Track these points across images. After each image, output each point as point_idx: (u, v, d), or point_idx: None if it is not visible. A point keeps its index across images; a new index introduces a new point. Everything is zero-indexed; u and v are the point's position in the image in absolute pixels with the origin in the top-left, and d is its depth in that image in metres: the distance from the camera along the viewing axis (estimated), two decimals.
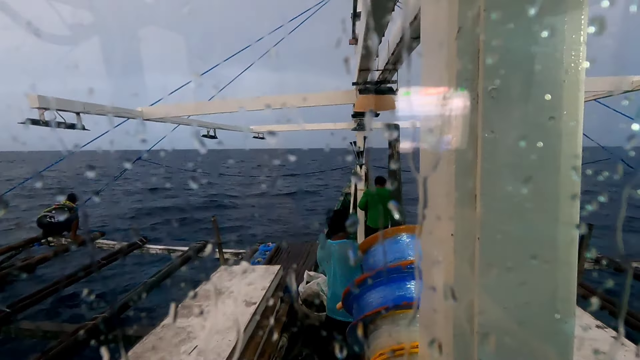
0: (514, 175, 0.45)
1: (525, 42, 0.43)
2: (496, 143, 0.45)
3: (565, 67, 0.45)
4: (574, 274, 0.48)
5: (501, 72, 0.44)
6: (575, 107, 0.46)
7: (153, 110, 4.37)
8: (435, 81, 0.52)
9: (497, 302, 0.46)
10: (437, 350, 0.51)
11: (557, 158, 0.46)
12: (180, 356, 2.00)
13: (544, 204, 0.46)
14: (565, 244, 0.47)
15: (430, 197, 0.54)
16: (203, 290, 2.88)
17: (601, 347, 1.79)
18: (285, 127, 8.35)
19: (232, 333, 2.25)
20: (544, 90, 0.45)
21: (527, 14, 0.41)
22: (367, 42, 2.39)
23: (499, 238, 0.45)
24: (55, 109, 3.09)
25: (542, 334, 0.47)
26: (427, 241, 0.56)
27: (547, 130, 0.45)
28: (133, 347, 2.11)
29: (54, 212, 7.11)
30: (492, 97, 0.45)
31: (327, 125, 8.50)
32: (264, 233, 12.07)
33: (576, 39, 0.45)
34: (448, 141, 0.49)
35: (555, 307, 0.47)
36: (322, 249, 3.00)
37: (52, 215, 7.01)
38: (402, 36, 1.96)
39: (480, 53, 0.43)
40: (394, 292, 1.27)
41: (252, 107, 4.45)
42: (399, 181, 3.43)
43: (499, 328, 0.47)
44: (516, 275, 0.45)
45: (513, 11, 0.42)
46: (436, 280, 0.52)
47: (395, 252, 1.47)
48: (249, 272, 3.30)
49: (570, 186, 0.47)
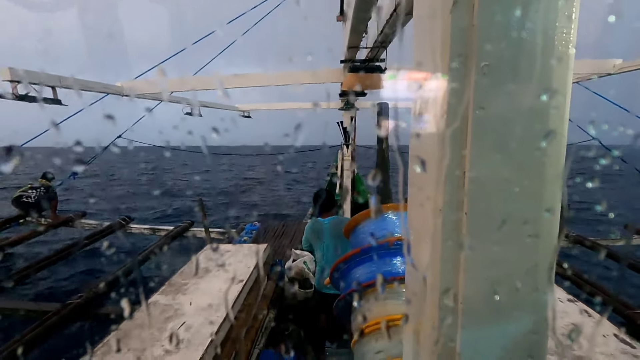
0: (502, 152, 0.46)
1: (520, 20, 0.43)
2: (486, 120, 0.45)
3: (557, 46, 0.45)
4: (553, 248, 0.51)
5: (494, 50, 0.44)
6: (564, 87, 0.47)
7: (133, 85, 4.21)
8: (427, 57, 0.52)
9: (481, 275, 0.48)
10: (426, 318, 0.53)
11: (545, 136, 0.47)
12: (168, 332, 2.02)
13: (529, 181, 0.48)
14: (547, 219, 0.48)
15: (420, 174, 0.55)
16: (189, 269, 2.88)
17: (572, 318, 1.91)
18: (272, 105, 8.22)
19: (220, 310, 2.27)
20: (535, 69, 0.46)
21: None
22: (356, 18, 2.34)
23: (486, 213, 0.47)
24: (28, 82, 2.94)
25: (523, 305, 0.50)
26: (415, 217, 0.58)
27: (536, 108, 0.46)
28: (120, 324, 2.12)
29: (30, 191, 6.89)
30: (484, 74, 0.45)
31: (314, 104, 8.39)
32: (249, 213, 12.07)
33: (568, 20, 0.45)
34: (438, 118, 0.49)
35: (536, 279, 0.49)
36: (311, 228, 3.05)
37: (27, 195, 6.80)
38: (392, 12, 1.93)
39: (475, 29, 0.43)
40: (381, 268, 1.31)
41: (238, 84, 4.35)
42: (386, 160, 3.45)
43: (483, 299, 0.49)
44: (500, 249, 0.47)
45: None
46: (423, 255, 0.54)
47: (383, 228, 1.50)
48: (235, 250, 3.32)
49: (555, 165, 0.48)
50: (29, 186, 6.96)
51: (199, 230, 6.59)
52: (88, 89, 3.61)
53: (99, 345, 1.88)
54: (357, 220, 1.83)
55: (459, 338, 0.48)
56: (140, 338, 1.95)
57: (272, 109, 8.79)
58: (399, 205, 1.68)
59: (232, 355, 2.18)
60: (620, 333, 1.78)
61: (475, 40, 0.43)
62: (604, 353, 1.63)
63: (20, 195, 6.77)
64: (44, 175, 7.23)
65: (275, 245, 5.56)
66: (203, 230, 6.02)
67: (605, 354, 1.63)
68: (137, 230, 6.84)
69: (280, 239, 5.96)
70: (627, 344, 1.70)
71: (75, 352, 1.74)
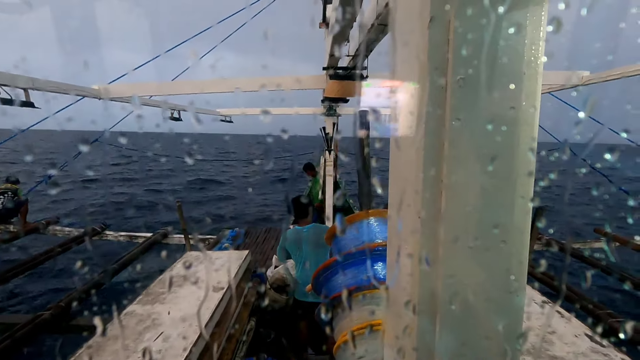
0: (477, 160, 0.48)
1: (493, 35, 0.46)
2: (462, 130, 0.47)
3: (527, 60, 0.48)
4: (525, 252, 0.53)
5: (469, 63, 0.46)
6: (534, 98, 0.50)
7: (111, 88, 4.11)
8: (405, 69, 0.53)
9: (458, 279, 0.49)
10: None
11: (516, 146, 0.49)
12: (144, 343, 1.96)
13: (502, 189, 0.50)
14: (519, 225, 0.51)
15: (398, 182, 0.56)
16: (168, 277, 2.81)
17: (545, 319, 1.97)
18: (254, 110, 8.18)
19: (199, 319, 2.23)
20: (507, 81, 0.48)
21: (497, 9, 0.43)
22: (338, 26, 2.37)
23: (462, 219, 0.49)
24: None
25: (496, 307, 0.51)
26: (395, 223, 0.59)
27: (508, 118, 0.48)
28: (94, 336, 2.04)
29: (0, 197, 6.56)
30: (459, 87, 0.47)
31: (297, 110, 8.42)
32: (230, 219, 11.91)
33: (536, 35, 0.48)
34: (416, 128, 0.51)
35: (509, 282, 0.51)
36: (289, 237, 3.02)
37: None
38: (373, 22, 1.97)
39: (451, 43, 0.45)
40: (362, 274, 1.32)
41: (220, 89, 4.31)
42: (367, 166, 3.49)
43: (456, 304, 0.50)
44: (476, 253, 0.49)
45: (483, 5, 0.44)
46: (403, 261, 0.55)
47: (364, 235, 1.51)
48: (216, 257, 3.26)
49: (525, 173, 0.51)
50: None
51: (178, 236, 6.45)
52: (63, 92, 3.50)
53: (71, 359, 1.80)
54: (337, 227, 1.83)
55: (435, 341, 0.49)
56: (114, 351, 1.88)
57: (255, 114, 8.75)
58: (380, 210, 1.71)
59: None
60: (591, 332, 1.85)
61: (451, 55, 0.45)
62: (576, 352, 1.70)
63: None
64: (7, 179, 6.90)
65: (257, 251, 5.50)
66: (182, 237, 5.89)
67: (577, 352, 1.69)
68: (113, 238, 6.62)
69: (263, 244, 5.91)
70: (597, 343, 1.77)
71: None
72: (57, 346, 3.22)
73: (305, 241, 2.96)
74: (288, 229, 3.99)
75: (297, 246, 2.99)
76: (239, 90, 4.43)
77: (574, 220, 10.53)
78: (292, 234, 3.07)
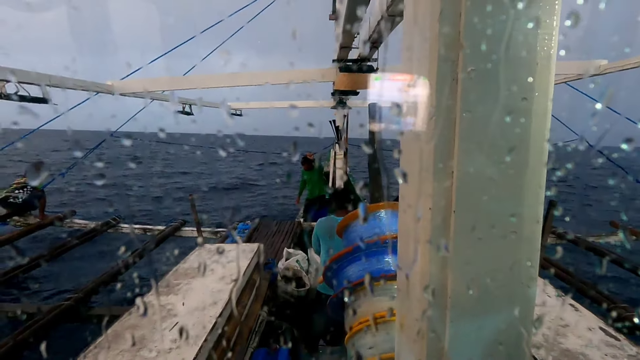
0: (488, 152, 0.48)
1: (504, 26, 0.45)
2: (474, 122, 0.47)
3: (540, 51, 0.47)
4: (538, 243, 0.53)
5: (480, 55, 0.46)
6: (546, 89, 0.49)
7: (125, 84, 4.16)
8: (417, 62, 0.53)
9: (468, 270, 0.50)
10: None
11: (528, 137, 0.49)
12: (161, 332, 2.01)
13: (513, 180, 0.50)
14: (532, 216, 0.51)
15: (410, 174, 0.56)
16: (182, 269, 2.87)
17: (559, 312, 1.96)
18: (264, 104, 8.20)
19: (213, 309, 2.27)
20: (519, 72, 0.48)
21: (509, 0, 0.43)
22: (348, 18, 2.35)
23: (473, 210, 0.49)
24: (16, 82, 2.89)
25: (507, 298, 0.52)
26: (402, 218, 0.60)
27: (521, 109, 0.48)
28: (112, 325, 2.11)
29: (16, 191, 6.74)
30: (470, 79, 0.47)
31: (308, 103, 8.41)
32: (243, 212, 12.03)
33: (549, 24, 0.47)
34: (427, 120, 0.51)
35: (521, 272, 0.51)
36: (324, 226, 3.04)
37: (14, 196, 6.65)
38: (382, 14, 1.95)
39: (461, 35, 0.45)
40: (373, 266, 1.33)
41: (230, 83, 4.33)
42: (378, 160, 3.48)
43: (467, 293, 0.51)
44: (486, 245, 0.49)
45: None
46: (408, 254, 0.56)
47: (375, 227, 1.52)
48: (228, 249, 3.32)
49: (537, 164, 0.51)
50: (15, 186, 6.79)
51: (191, 229, 6.55)
52: (78, 88, 3.56)
53: (90, 347, 1.87)
54: (349, 219, 1.85)
55: (446, 330, 0.50)
56: (132, 339, 1.94)
57: (264, 107, 8.77)
58: (391, 203, 1.71)
59: (225, 354, 2.19)
60: (605, 326, 1.83)
61: (462, 47, 0.45)
62: (589, 345, 1.68)
63: (6, 196, 6.60)
64: (26, 173, 7.07)
65: (268, 244, 5.55)
66: (195, 230, 5.98)
67: (590, 346, 1.68)
68: (128, 230, 6.76)
69: (274, 237, 5.95)
70: (612, 337, 1.75)
71: (65, 354, 1.73)
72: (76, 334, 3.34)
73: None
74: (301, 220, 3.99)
75: (330, 234, 3.00)
76: (249, 84, 4.44)
77: (589, 212, 10.31)
78: (326, 221, 3.08)
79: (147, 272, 4.94)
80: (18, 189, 6.71)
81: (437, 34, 0.46)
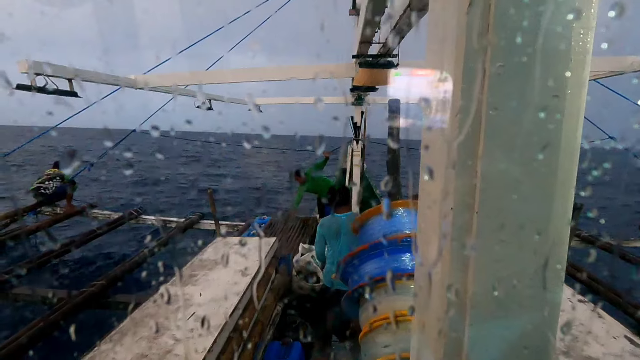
0: (516, 151, 0.46)
1: (535, 19, 0.43)
2: (500, 119, 0.46)
3: (573, 46, 0.45)
4: (564, 248, 0.51)
5: (509, 50, 0.44)
6: (580, 86, 0.47)
7: (147, 78, 4.26)
8: (441, 56, 0.52)
9: (492, 271, 0.48)
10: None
11: (559, 137, 0.47)
12: (179, 321, 2.07)
13: (542, 180, 0.48)
14: (559, 219, 0.49)
15: (431, 172, 0.55)
16: (200, 261, 2.93)
17: (583, 319, 1.89)
18: (282, 99, 8.23)
19: (229, 301, 2.32)
20: (550, 68, 0.46)
21: None
22: (369, 12, 2.32)
23: (497, 211, 0.47)
24: (46, 75, 3.00)
25: (530, 303, 0.50)
26: (424, 216, 0.58)
27: (551, 107, 0.46)
28: (132, 313, 2.18)
29: (47, 182, 7.05)
30: (498, 75, 0.45)
31: (325, 99, 8.37)
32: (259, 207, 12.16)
33: (585, 18, 0.45)
34: (450, 117, 0.50)
35: (544, 278, 0.50)
36: (327, 225, 3.04)
37: (45, 187, 6.97)
38: (406, 7, 1.91)
39: (491, 29, 0.43)
40: (390, 264, 1.32)
41: (250, 78, 4.36)
42: (397, 156, 3.44)
43: (490, 295, 0.49)
44: (511, 246, 0.48)
45: None
46: (430, 252, 0.54)
47: (392, 225, 1.50)
48: (245, 243, 3.36)
49: (568, 165, 0.48)
50: (46, 177, 7.11)
51: (209, 222, 6.68)
52: (103, 82, 3.67)
53: (113, 331, 1.94)
54: (366, 216, 1.83)
55: (466, 331, 0.48)
56: (152, 326, 2.00)
57: (282, 103, 8.80)
58: (408, 201, 1.69)
59: (240, 346, 2.22)
60: (631, 335, 1.76)
61: (491, 40, 0.43)
62: (612, 354, 1.62)
63: (38, 186, 6.94)
64: (55, 165, 7.38)
65: (284, 239, 5.59)
66: (213, 223, 6.09)
67: (614, 354, 1.62)
68: (149, 221, 6.96)
69: (289, 232, 5.99)
70: (637, 346, 1.68)
71: (91, 337, 1.80)
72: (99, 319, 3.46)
73: (344, 228, 2.98)
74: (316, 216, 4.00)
75: (335, 233, 3.00)
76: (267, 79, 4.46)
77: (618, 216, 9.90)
78: (329, 221, 3.08)
79: (166, 262, 5.08)
80: (49, 180, 7.02)
81: (464, 27, 0.44)
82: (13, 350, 2.72)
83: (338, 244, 2.97)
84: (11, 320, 4.54)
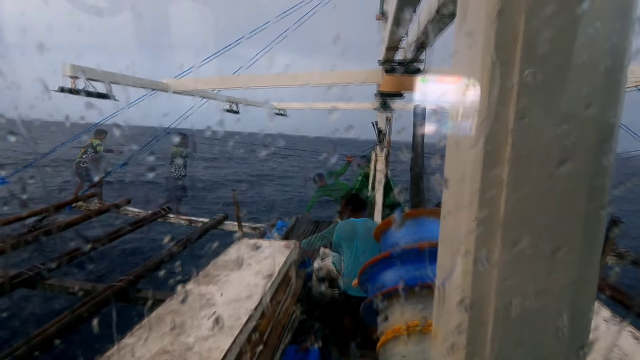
0: (544, 163, 0.45)
1: (566, 26, 0.42)
2: (529, 129, 0.44)
3: (608, 53, 0.43)
4: (596, 264, 0.48)
5: (539, 58, 0.43)
6: (615, 96, 0.45)
7: (178, 82, 4.43)
8: (469, 63, 0.51)
9: (516, 288, 0.47)
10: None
11: (590, 149, 0.45)
12: (200, 320, 2.11)
13: (571, 194, 0.46)
14: (590, 233, 0.46)
15: (455, 181, 0.54)
16: (222, 261, 2.99)
17: (617, 341, 1.78)
18: (307, 104, 8.30)
19: (249, 302, 2.34)
20: (583, 77, 0.44)
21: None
22: (397, 18, 2.31)
23: (523, 223, 0.46)
24: (86, 78, 3.18)
25: (558, 323, 0.48)
26: (450, 223, 0.57)
27: (583, 117, 0.44)
28: (156, 309, 2.25)
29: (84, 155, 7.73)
30: (527, 83, 0.44)
31: (350, 105, 8.39)
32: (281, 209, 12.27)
33: (623, 27, 0.43)
34: (477, 125, 0.49)
35: (575, 296, 0.47)
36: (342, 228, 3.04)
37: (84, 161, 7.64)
38: (434, 13, 1.89)
39: (520, 36, 0.42)
40: (410, 273, 1.29)
41: (277, 83, 4.44)
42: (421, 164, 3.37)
43: (513, 312, 0.48)
44: (537, 263, 0.46)
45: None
46: (452, 263, 0.53)
47: (415, 233, 1.48)
48: (266, 246, 3.40)
49: (601, 179, 0.46)
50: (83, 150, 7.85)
51: (232, 223, 6.80)
52: (138, 86, 3.85)
53: (135, 327, 2.00)
54: (389, 223, 1.81)
55: (486, 348, 0.47)
56: (172, 323, 2.06)
57: (307, 108, 8.88)
58: (432, 210, 1.65)
59: (258, 347, 2.24)
60: None
61: (520, 48, 0.42)
62: None
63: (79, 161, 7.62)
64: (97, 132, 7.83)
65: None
66: (236, 224, 6.20)
67: None
68: (175, 221, 7.18)
69: (310, 236, 6.01)
70: None
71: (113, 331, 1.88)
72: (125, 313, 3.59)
73: (359, 234, 2.97)
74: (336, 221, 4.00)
75: (351, 238, 2.99)
76: (293, 84, 4.52)
77: None
78: (345, 225, 3.07)
79: (189, 261, 5.20)
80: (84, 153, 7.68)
81: (493, 35, 0.43)
82: (42, 340, 2.85)
83: (351, 248, 2.96)
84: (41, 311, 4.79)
